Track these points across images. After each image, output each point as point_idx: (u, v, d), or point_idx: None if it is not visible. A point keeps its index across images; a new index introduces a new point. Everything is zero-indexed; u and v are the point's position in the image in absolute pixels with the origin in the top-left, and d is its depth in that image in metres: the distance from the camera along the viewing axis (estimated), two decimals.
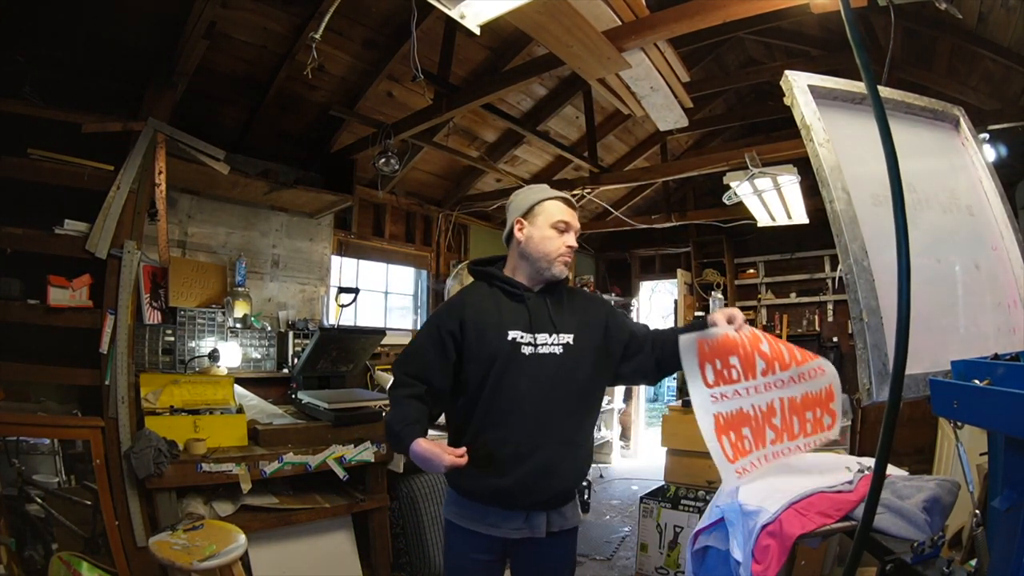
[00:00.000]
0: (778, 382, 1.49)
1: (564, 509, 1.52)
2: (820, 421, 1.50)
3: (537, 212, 1.54)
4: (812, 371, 1.50)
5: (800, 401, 1.49)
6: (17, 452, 2.14)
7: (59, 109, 2.28)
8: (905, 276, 0.81)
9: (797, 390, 1.48)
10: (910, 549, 1.25)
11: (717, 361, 1.48)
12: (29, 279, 2.25)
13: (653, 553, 3.03)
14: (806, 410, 1.49)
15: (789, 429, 1.49)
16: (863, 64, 0.89)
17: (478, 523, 1.46)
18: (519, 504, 1.44)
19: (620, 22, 2.13)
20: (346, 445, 2.67)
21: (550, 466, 1.43)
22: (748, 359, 1.48)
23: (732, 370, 1.47)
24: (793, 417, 1.49)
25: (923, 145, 1.55)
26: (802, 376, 1.49)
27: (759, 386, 1.48)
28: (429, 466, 1.31)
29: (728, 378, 1.48)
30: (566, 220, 1.53)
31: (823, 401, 1.50)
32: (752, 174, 3.46)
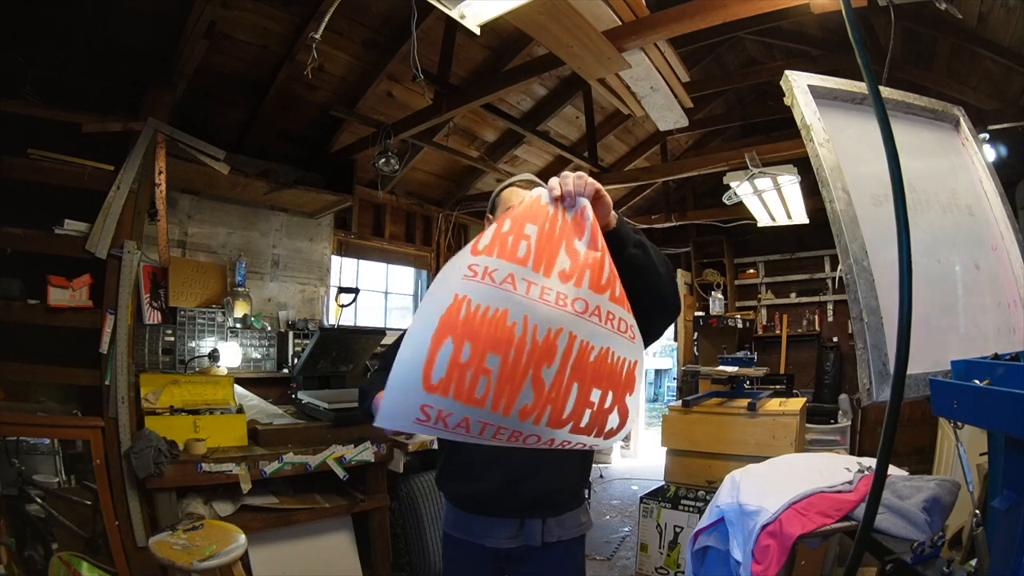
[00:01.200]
0: (579, 303, 0.89)
1: (563, 518, 1.38)
2: (603, 415, 0.90)
3: (498, 204, 1.37)
4: (624, 323, 0.93)
5: (594, 360, 0.89)
6: (17, 452, 2.14)
7: (59, 109, 2.28)
8: (906, 276, 0.81)
9: (599, 337, 0.90)
10: (910, 549, 1.26)
11: (507, 221, 0.91)
12: (29, 279, 2.25)
13: (653, 553, 3.03)
14: (595, 383, 0.89)
15: (557, 402, 0.85)
16: (864, 64, 0.89)
17: (470, 533, 1.37)
18: (507, 509, 1.33)
19: (620, 22, 2.13)
20: (346, 445, 2.67)
21: (532, 467, 1.30)
22: (551, 244, 0.90)
23: (522, 242, 0.88)
24: (573, 384, 0.87)
25: (923, 145, 1.55)
26: (611, 319, 0.92)
27: (549, 291, 0.87)
28: None
29: (508, 250, 0.87)
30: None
31: (620, 382, 0.92)
32: (752, 174, 3.46)
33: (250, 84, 3.14)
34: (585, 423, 0.88)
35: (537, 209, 0.93)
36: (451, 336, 0.79)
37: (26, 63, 2.34)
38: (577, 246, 0.92)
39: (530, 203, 0.94)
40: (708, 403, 3.30)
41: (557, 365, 0.85)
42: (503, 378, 0.80)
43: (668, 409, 3.42)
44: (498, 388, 0.80)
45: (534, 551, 1.34)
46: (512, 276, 0.85)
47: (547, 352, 0.84)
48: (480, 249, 0.87)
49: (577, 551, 1.43)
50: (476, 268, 0.84)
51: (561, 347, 0.85)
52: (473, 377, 0.79)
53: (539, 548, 1.34)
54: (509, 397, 0.81)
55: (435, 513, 2.92)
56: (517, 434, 0.85)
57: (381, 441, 2.79)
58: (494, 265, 0.85)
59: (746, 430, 2.96)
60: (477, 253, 0.86)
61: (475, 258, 0.85)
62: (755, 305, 6.03)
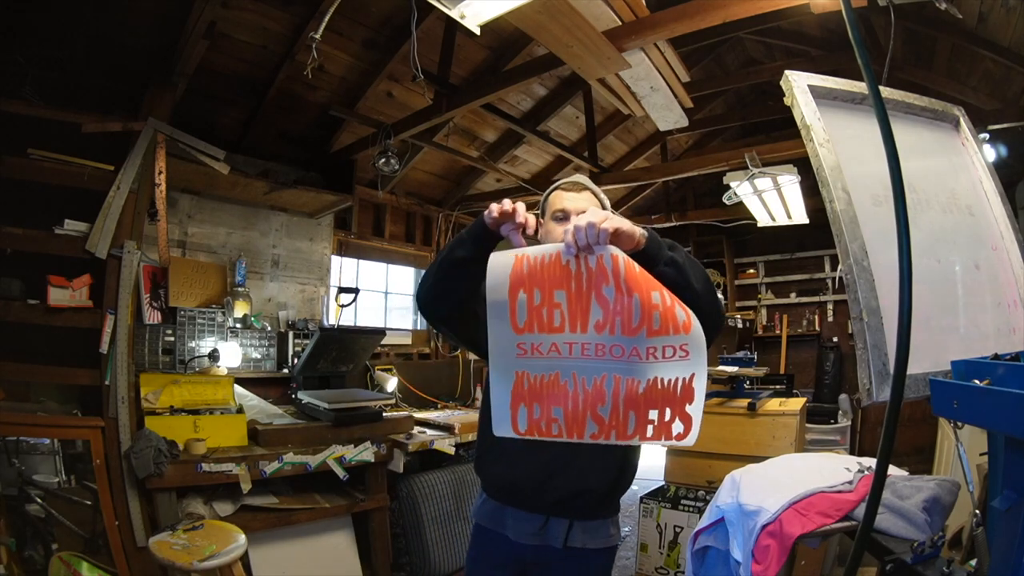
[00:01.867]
0: (616, 349, 1.01)
1: (591, 524, 1.33)
2: (666, 426, 1.00)
3: (546, 208, 1.42)
4: (670, 348, 0.99)
5: (643, 391, 1.00)
6: (17, 452, 2.14)
7: (59, 109, 2.28)
8: (906, 276, 0.82)
9: (642, 372, 1.01)
10: (910, 549, 1.26)
11: (536, 292, 1.03)
12: (29, 279, 2.25)
13: (653, 553, 3.03)
14: (649, 406, 1.01)
15: (620, 427, 1.02)
16: (864, 64, 0.89)
17: (495, 522, 1.37)
18: (535, 503, 1.31)
19: (620, 22, 2.13)
20: (346, 445, 2.67)
21: (568, 460, 1.28)
22: (581, 300, 1.02)
23: (556, 312, 1.03)
24: (629, 412, 1.02)
25: (923, 145, 1.55)
26: (652, 352, 1.00)
27: (588, 346, 1.02)
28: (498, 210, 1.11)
29: (546, 323, 1.03)
30: (563, 208, 1.35)
31: (676, 399, 1.00)
32: (752, 174, 3.46)
33: (250, 84, 3.14)
34: (651, 434, 1.01)
35: (560, 272, 1.03)
36: (523, 403, 1.06)
37: (26, 63, 2.33)
38: (606, 293, 1.01)
39: (552, 265, 1.04)
40: (708, 403, 3.29)
41: (610, 403, 1.02)
42: (569, 421, 1.04)
43: None
44: (567, 427, 1.04)
45: (557, 555, 1.31)
46: (555, 344, 1.04)
47: (598, 396, 1.03)
48: (521, 327, 1.05)
49: (604, 564, 1.37)
50: (524, 347, 1.05)
51: (609, 389, 1.02)
52: (547, 425, 1.05)
53: (561, 551, 1.30)
54: (579, 430, 1.04)
55: (435, 513, 2.92)
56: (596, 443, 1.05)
57: (381, 441, 2.79)
58: (538, 340, 1.05)
59: (746, 430, 2.96)
60: (520, 332, 1.05)
61: (520, 336, 1.05)
62: (755, 305, 6.03)
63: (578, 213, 1.28)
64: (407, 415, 3.21)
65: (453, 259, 1.20)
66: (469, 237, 1.19)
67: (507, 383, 1.07)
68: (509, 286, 1.04)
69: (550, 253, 1.03)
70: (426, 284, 1.27)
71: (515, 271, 1.04)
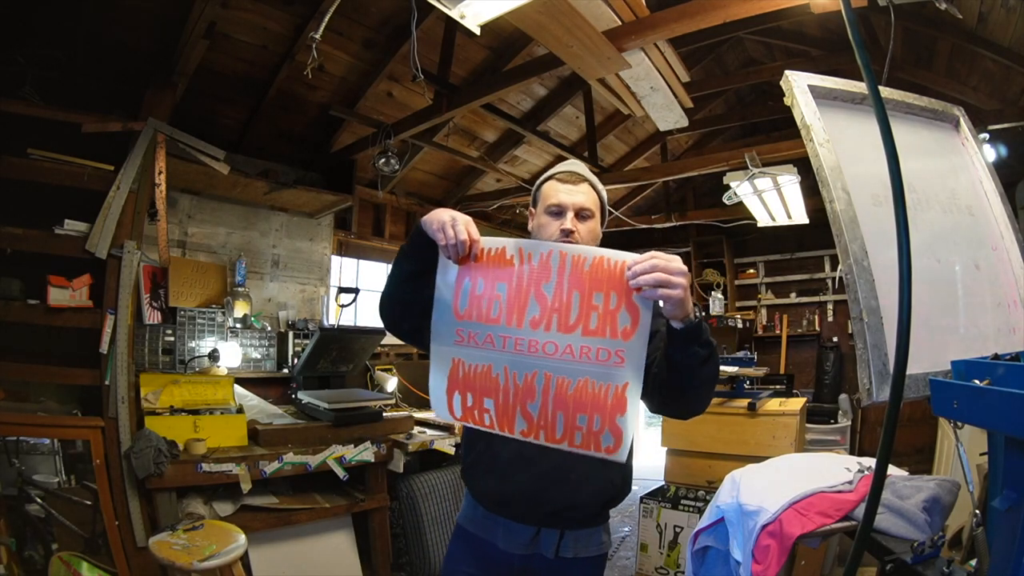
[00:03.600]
0: (550, 346, 1.01)
1: (582, 533, 1.27)
2: (595, 436, 1.00)
3: (539, 198, 1.32)
4: (604, 351, 0.99)
5: (572, 392, 1.00)
6: (17, 452, 2.14)
7: (59, 109, 2.28)
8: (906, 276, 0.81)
9: (573, 371, 1.00)
10: (910, 549, 1.26)
11: (480, 281, 1.06)
12: (29, 279, 2.25)
13: (653, 553, 3.03)
14: (578, 410, 1.00)
15: (548, 428, 1.03)
16: (864, 64, 0.89)
17: (486, 531, 1.30)
18: (527, 515, 1.25)
19: (620, 22, 2.13)
20: (346, 445, 2.67)
21: (563, 473, 1.21)
22: (520, 296, 1.03)
23: (495, 302, 1.04)
24: (558, 413, 1.02)
25: (923, 145, 1.55)
26: (586, 352, 0.99)
27: (522, 341, 1.02)
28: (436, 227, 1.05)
29: (484, 313, 1.05)
30: (559, 201, 1.25)
31: (606, 407, 0.99)
32: (752, 174, 3.46)
33: (250, 84, 3.14)
34: (579, 442, 1.02)
35: (504, 265, 1.05)
36: (457, 390, 1.10)
37: (26, 63, 2.33)
38: (545, 290, 1.02)
39: (497, 257, 1.06)
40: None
41: (539, 400, 1.03)
42: (499, 414, 1.07)
43: None
44: (499, 419, 1.07)
45: (547, 564, 1.26)
46: (490, 336, 1.05)
47: (528, 391, 1.03)
48: (462, 314, 1.07)
49: (595, 572, 1.32)
50: (463, 333, 1.08)
51: (539, 386, 1.03)
52: (480, 414, 1.09)
53: (553, 561, 1.25)
54: (509, 425, 1.06)
55: (435, 513, 2.92)
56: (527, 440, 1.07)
57: (381, 441, 2.79)
58: (475, 329, 1.06)
59: (746, 430, 2.96)
60: (460, 318, 1.07)
61: (459, 323, 1.08)
62: (755, 305, 6.03)
63: (576, 209, 1.24)
64: (407, 415, 3.21)
65: (402, 274, 1.17)
66: (412, 250, 1.14)
67: (444, 368, 1.09)
68: (457, 272, 1.07)
69: (498, 247, 1.06)
70: (385, 303, 1.22)
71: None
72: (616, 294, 0.99)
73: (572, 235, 1.22)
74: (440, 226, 1.05)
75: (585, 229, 1.25)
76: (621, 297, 0.99)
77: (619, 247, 1.02)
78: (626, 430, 1.00)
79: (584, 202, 1.26)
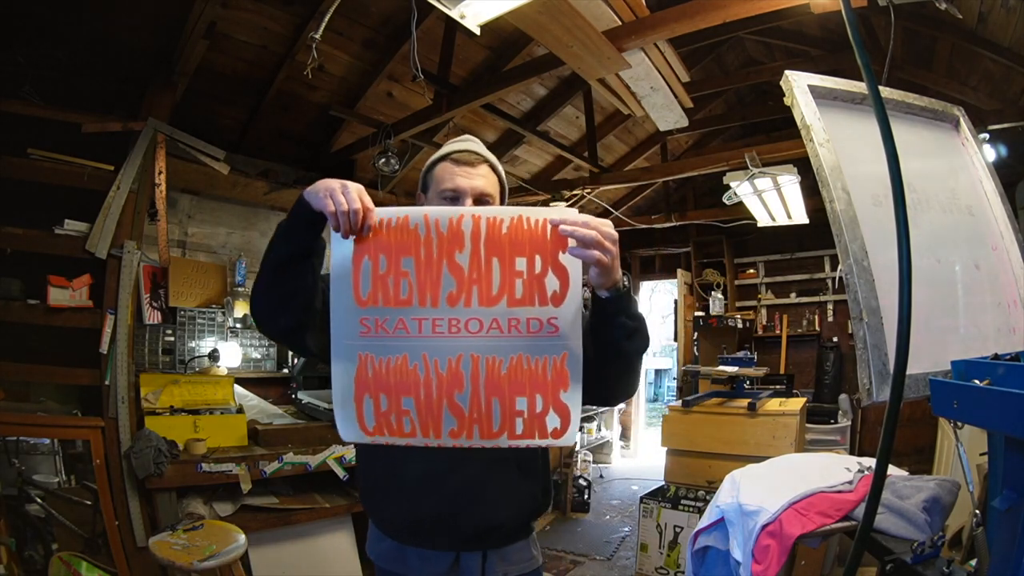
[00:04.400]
0: (473, 323, 0.88)
1: (507, 550, 1.12)
2: (539, 420, 0.88)
3: (429, 182, 1.13)
4: (536, 321, 0.87)
5: (507, 372, 0.88)
6: (17, 452, 2.14)
7: (59, 109, 2.28)
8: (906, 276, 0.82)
9: (503, 348, 0.88)
10: (910, 549, 1.26)
11: (382, 259, 0.89)
12: (29, 279, 2.25)
13: (653, 553, 3.03)
14: (515, 392, 0.88)
15: (483, 420, 0.89)
16: (864, 64, 0.89)
17: (396, 564, 1.15)
18: (441, 541, 1.09)
19: (620, 22, 2.13)
20: (346, 445, 2.67)
21: (478, 490, 1.07)
22: (431, 269, 0.89)
23: (403, 281, 0.89)
24: (492, 400, 0.88)
25: (923, 145, 1.55)
26: (515, 325, 0.87)
27: (440, 322, 0.88)
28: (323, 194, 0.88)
29: (392, 295, 0.89)
30: (455, 186, 1.07)
31: (547, 384, 0.88)
32: (752, 174, 3.46)
33: (250, 84, 3.14)
34: (521, 430, 0.89)
35: (407, 236, 0.89)
36: (368, 393, 0.91)
37: (26, 63, 2.33)
38: (459, 260, 0.89)
39: (399, 229, 0.89)
40: (708, 403, 3.30)
41: (468, 389, 0.88)
42: (422, 414, 0.90)
43: (668, 409, 3.42)
44: (422, 423, 0.90)
45: None
46: (402, 320, 0.89)
47: (454, 380, 0.89)
48: (364, 299, 0.89)
49: None
50: (368, 323, 0.90)
51: (467, 371, 0.88)
52: (398, 419, 0.91)
53: None
54: (435, 426, 0.90)
55: None
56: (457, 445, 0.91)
57: None
58: (383, 315, 0.89)
59: (746, 430, 2.96)
60: (364, 304, 0.90)
61: (363, 311, 0.90)
62: (755, 305, 6.03)
63: (475, 195, 1.07)
64: None
65: (280, 259, 0.96)
66: (292, 228, 0.96)
67: (348, 369, 0.91)
68: (353, 251, 0.90)
69: (399, 215, 0.90)
70: (258, 297, 1.01)
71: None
72: (540, 256, 0.88)
73: None
74: (328, 192, 0.88)
75: None
76: (546, 259, 0.88)
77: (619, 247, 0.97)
78: (572, 408, 0.88)
79: (484, 187, 1.09)
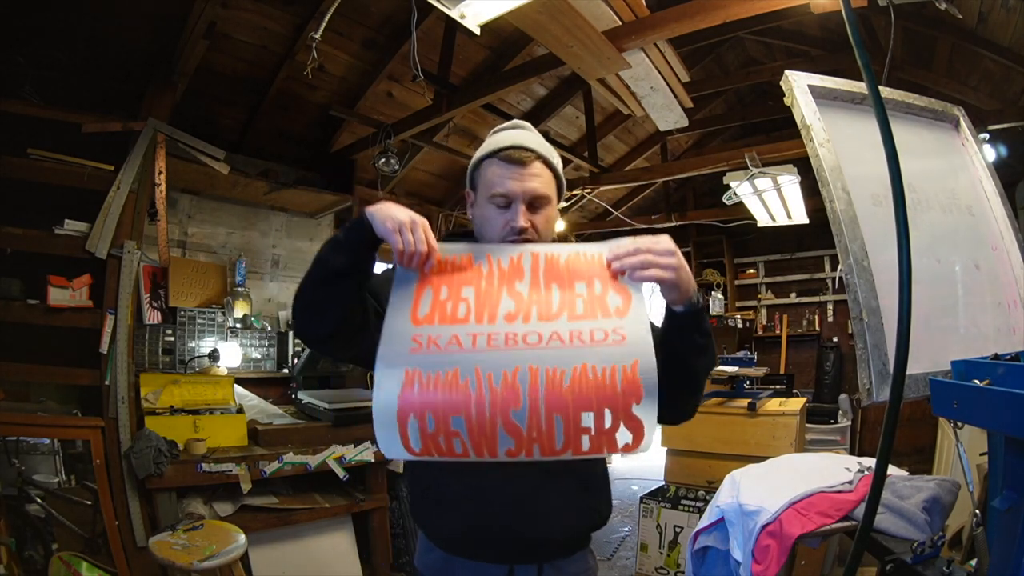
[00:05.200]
0: (532, 336, 0.83)
1: (565, 562, 1.06)
2: (608, 435, 0.79)
3: (478, 181, 1.05)
4: (600, 331, 0.82)
5: (569, 384, 0.79)
6: (17, 452, 2.14)
7: (59, 109, 2.28)
8: (906, 276, 0.82)
9: (566, 358, 0.81)
10: (910, 549, 1.26)
11: (444, 289, 0.89)
12: (29, 279, 2.25)
13: (653, 553, 3.03)
14: (580, 407, 0.79)
15: (543, 438, 0.80)
16: (864, 64, 0.89)
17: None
18: (494, 554, 1.04)
19: (620, 22, 2.13)
20: (346, 445, 2.67)
21: (534, 502, 1.01)
22: (491, 295, 0.88)
23: (461, 304, 0.87)
24: (554, 416, 0.79)
25: (923, 145, 1.55)
26: (577, 336, 0.82)
27: (496, 335, 0.83)
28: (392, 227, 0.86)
29: (449, 315, 0.86)
30: (506, 191, 0.98)
31: (617, 396, 0.79)
32: (752, 174, 3.46)
33: (250, 84, 3.14)
34: (587, 447, 0.80)
35: (470, 271, 0.91)
36: (412, 413, 0.80)
37: (26, 63, 2.33)
38: (519, 288, 0.88)
39: (462, 265, 0.91)
40: (708, 403, 3.29)
41: (526, 405, 0.79)
42: (474, 434, 0.80)
43: None
44: (474, 441, 0.80)
45: None
46: (456, 336, 0.84)
47: (510, 395, 0.79)
48: (421, 319, 0.86)
49: None
50: (420, 339, 0.84)
51: (524, 385, 0.79)
52: (447, 441, 0.81)
53: None
54: (489, 446, 0.80)
55: None
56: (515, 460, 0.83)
57: None
58: (436, 332, 0.84)
59: (746, 430, 2.96)
60: (419, 323, 0.86)
61: (417, 328, 0.85)
62: (755, 305, 6.03)
63: (528, 198, 0.98)
64: None
65: (329, 272, 0.92)
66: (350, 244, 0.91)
67: (394, 384, 0.82)
68: (417, 280, 0.90)
69: (463, 254, 0.92)
70: (301, 303, 0.96)
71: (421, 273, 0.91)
72: (600, 280, 0.88)
73: (526, 233, 0.98)
74: (397, 227, 0.85)
75: (541, 220, 1.01)
76: (606, 284, 0.87)
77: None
78: (647, 422, 0.79)
79: (537, 187, 0.99)
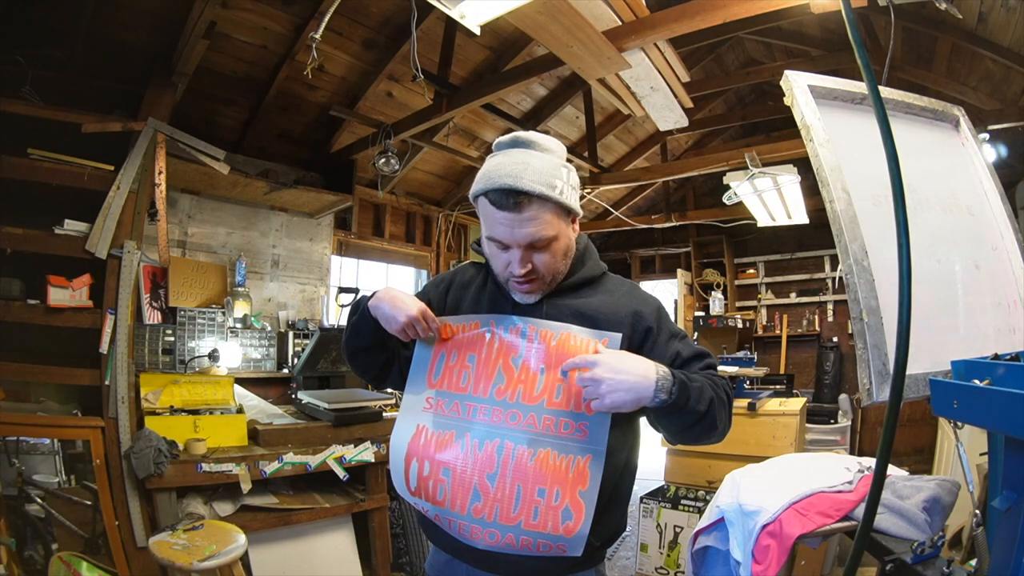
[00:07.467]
0: (513, 416, 1.00)
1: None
2: (554, 511, 0.95)
3: (477, 210, 1.04)
4: (567, 424, 0.99)
5: (533, 463, 0.97)
6: (17, 452, 2.14)
7: (59, 109, 2.28)
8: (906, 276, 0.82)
9: (534, 442, 0.98)
10: (910, 549, 1.26)
11: (454, 353, 1.08)
12: (29, 279, 2.25)
13: (653, 553, 3.03)
14: (537, 482, 0.96)
15: (504, 502, 0.97)
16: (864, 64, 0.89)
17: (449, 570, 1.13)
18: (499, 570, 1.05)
19: (620, 22, 2.13)
20: (346, 445, 2.67)
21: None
22: (488, 365, 1.05)
23: (464, 372, 1.06)
24: (516, 485, 0.97)
25: (923, 145, 1.55)
26: (548, 424, 0.99)
27: (486, 410, 1.02)
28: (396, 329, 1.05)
29: (455, 382, 1.06)
30: (499, 238, 1.00)
31: (567, 480, 0.96)
32: (752, 174, 3.46)
33: (250, 84, 3.14)
34: (536, 519, 0.97)
35: (476, 339, 1.08)
36: (415, 458, 1.04)
37: (26, 63, 2.33)
38: (512, 362, 1.05)
39: (470, 331, 1.09)
40: None
41: (498, 470, 0.98)
42: (455, 484, 1.00)
43: None
44: (452, 493, 1.00)
45: None
46: (458, 403, 1.05)
47: (487, 460, 0.99)
48: (434, 382, 1.08)
49: None
50: (432, 400, 1.07)
51: (499, 456, 0.99)
52: (434, 486, 1.02)
53: None
54: (463, 499, 0.99)
55: None
56: (476, 528, 1.00)
57: (381, 441, 2.79)
58: (444, 397, 1.06)
59: (746, 430, 2.95)
60: (432, 385, 1.08)
61: (431, 391, 1.08)
62: (755, 305, 6.03)
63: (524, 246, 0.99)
64: None
65: (357, 348, 1.18)
66: (364, 330, 1.13)
67: (408, 432, 1.07)
68: (434, 345, 1.11)
69: (471, 323, 1.10)
70: (348, 358, 1.23)
71: (443, 334, 1.10)
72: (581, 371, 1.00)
73: (527, 276, 1.02)
74: (399, 329, 1.05)
75: (545, 259, 1.02)
76: None
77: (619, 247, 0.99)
78: (587, 506, 0.96)
79: (533, 233, 0.97)
